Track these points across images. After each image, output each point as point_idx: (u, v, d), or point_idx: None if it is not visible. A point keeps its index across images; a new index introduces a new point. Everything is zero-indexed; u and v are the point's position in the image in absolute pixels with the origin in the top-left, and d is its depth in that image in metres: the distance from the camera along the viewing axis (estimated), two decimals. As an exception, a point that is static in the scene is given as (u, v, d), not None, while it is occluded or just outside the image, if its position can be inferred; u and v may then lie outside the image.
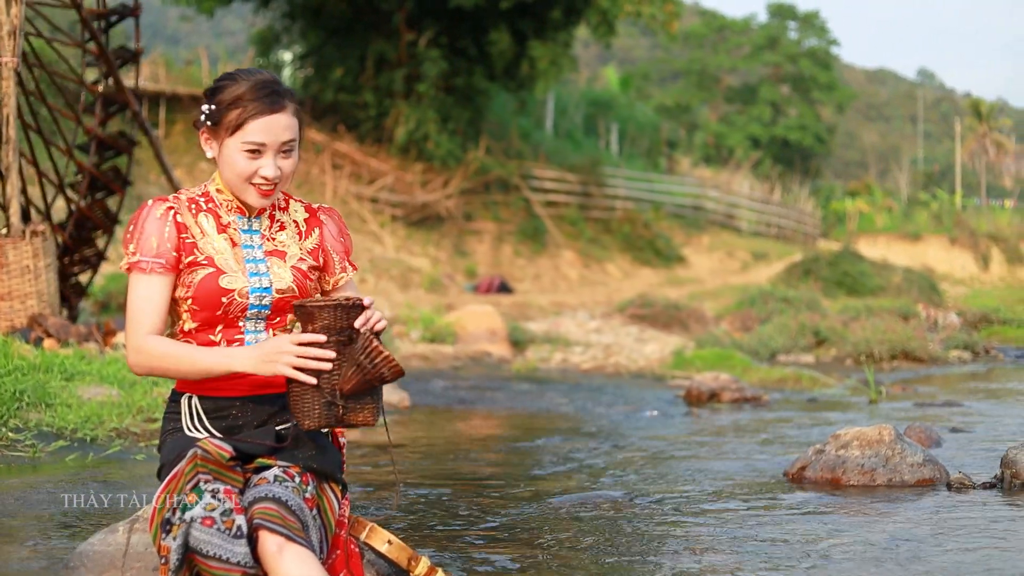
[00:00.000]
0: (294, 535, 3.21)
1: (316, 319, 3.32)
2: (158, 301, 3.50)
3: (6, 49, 10.35)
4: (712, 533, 4.67)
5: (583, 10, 33.16)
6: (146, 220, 3.54)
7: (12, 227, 10.47)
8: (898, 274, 30.21)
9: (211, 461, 3.34)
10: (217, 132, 3.51)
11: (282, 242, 3.67)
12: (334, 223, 3.80)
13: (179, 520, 3.20)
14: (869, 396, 10.40)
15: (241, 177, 3.49)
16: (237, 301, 3.54)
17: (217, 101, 3.51)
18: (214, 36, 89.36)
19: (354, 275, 3.85)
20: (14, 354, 8.29)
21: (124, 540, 3.67)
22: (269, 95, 3.49)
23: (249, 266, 3.59)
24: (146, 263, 3.50)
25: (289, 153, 3.54)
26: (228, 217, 3.62)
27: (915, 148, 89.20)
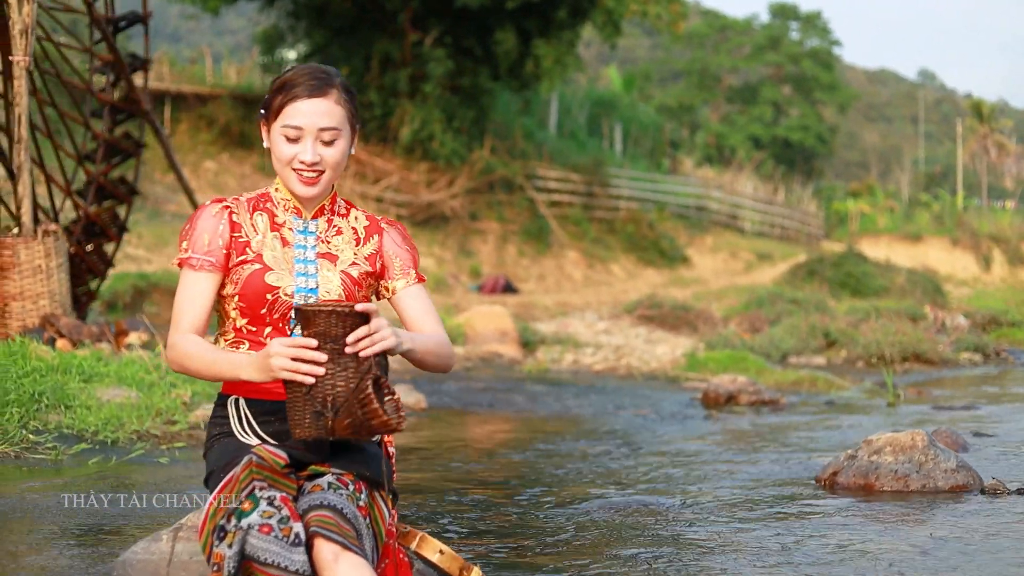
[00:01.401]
0: (350, 543, 3.18)
1: (311, 323, 3.23)
2: (203, 298, 3.51)
3: (18, 48, 10.31)
4: (752, 540, 4.63)
5: (588, 10, 33.12)
6: (200, 218, 3.54)
7: (24, 227, 10.43)
8: (902, 275, 30.19)
9: (266, 468, 3.29)
10: (268, 121, 3.55)
11: (336, 246, 3.64)
12: (397, 232, 3.75)
13: (235, 527, 3.15)
14: (887, 399, 10.36)
15: (282, 162, 3.51)
16: (282, 299, 3.53)
17: (270, 90, 3.55)
18: (215, 34, 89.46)
19: (420, 288, 3.74)
20: (31, 355, 8.25)
21: (168, 548, 3.62)
22: (313, 80, 3.49)
23: (298, 267, 3.58)
24: (196, 260, 3.50)
25: (332, 142, 3.52)
26: (283, 216, 3.62)
27: (916, 149, 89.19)
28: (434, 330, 3.66)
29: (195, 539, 3.64)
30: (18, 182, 10.48)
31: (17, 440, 6.67)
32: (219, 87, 36.39)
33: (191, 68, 39.96)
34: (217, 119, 33.19)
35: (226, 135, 33.18)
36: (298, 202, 3.61)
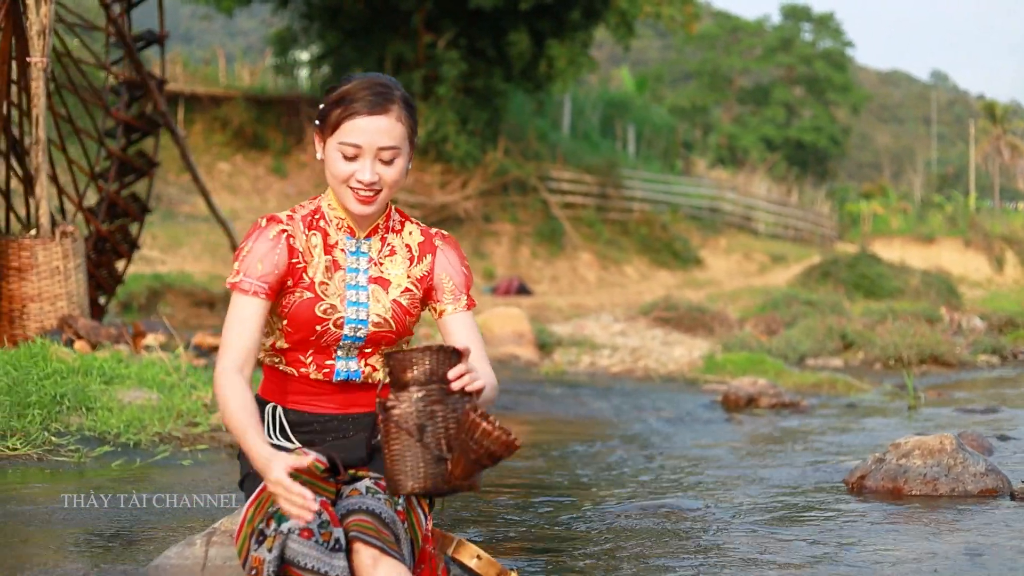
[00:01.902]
0: (388, 548, 3.16)
1: (413, 366, 3.13)
2: (253, 325, 3.39)
3: (36, 49, 10.31)
4: (784, 545, 4.60)
5: (602, 11, 33.09)
6: (257, 240, 3.42)
7: (42, 228, 10.43)
8: (916, 277, 30.14)
9: (305, 472, 3.27)
10: (323, 133, 3.42)
11: (388, 269, 3.54)
12: (451, 251, 3.63)
13: (274, 532, 3.14)
14: (907, 402, 10.32)
15: (338, 179, 3.39)
16: (332, 331, 3.46)
17: (326, 100, 3.42)
18: (227, 35, 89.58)
19: (469, 315, 3.62)
20: (52, 357, 8.24)
21: (202, 553, 3.60)
22: (374, 95, 3.36)
23: (350, 293, 3.49)
24: (248, 284, 3.39)
25: (392, 160, 3.40)
26: (336, 236, 3.51)
27: (929, 150, 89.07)
28: (480, 363, 3.51)
29: (229, 543, 3.63)
30: (36, 183, 10.47)
31: (40, 442, 6.67)
32: (233, 88, 36.41)
33: (204, 69, 39.99)
34: (231, 120, 33.21)
35: (240, 136, 33.21)
36: (352, 220, 3.51)
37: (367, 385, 3.56)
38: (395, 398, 3.18)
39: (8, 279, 10.19)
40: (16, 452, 6.47)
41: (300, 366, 3.52)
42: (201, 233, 26.41)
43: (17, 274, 10.19)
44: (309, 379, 3.54)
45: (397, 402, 3.17)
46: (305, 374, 3.53)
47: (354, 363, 3.53)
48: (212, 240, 25.90)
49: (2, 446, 6.48)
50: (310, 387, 3.54)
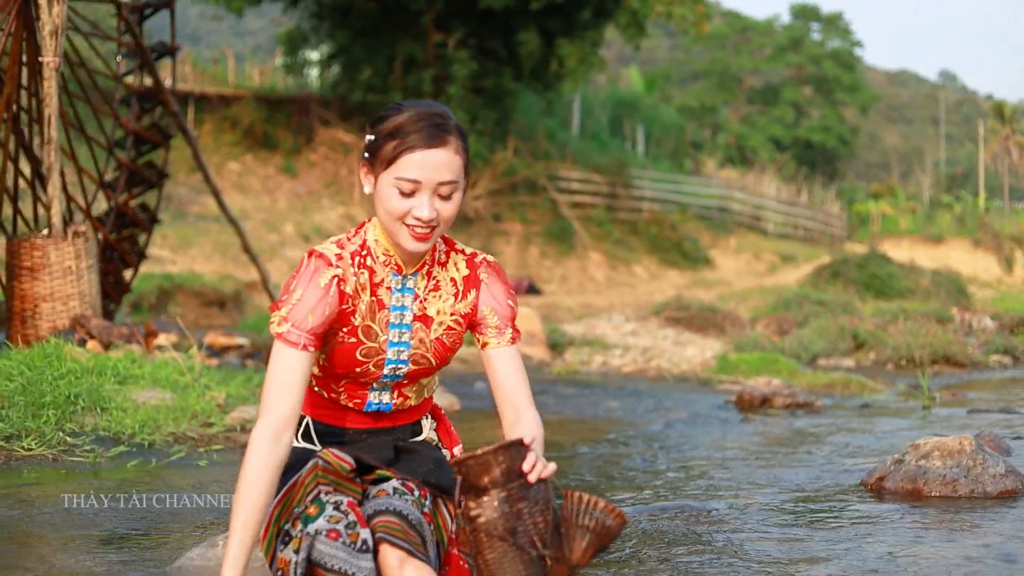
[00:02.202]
0: (415, 550, 3.14)
1: (489, 470, 3.01)
2: (299, 381, 3.24)
3: (48, 49, 10.32)
4: (804, 546, 4.58)
5: (613, 11, 33.07)
6: (308, 287, 3.27)
7: (54, 228, 10.43)
8: (926, 277, 30.08)
9: (332, 472, 3.26)
10: (374, 165, 3.24)
11: (432, 305, 3.44)
12: (497, 283, 3.51)
13: (301, 533, 3.12)
14: (922, 402, 10.29)
15: (393, 216, 3.23)
16: (371, 371, 3.40)
17: (376, 131, 3.25)
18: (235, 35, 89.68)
19: (514, 349, 3.50)
20: (66, 356, 8.24)
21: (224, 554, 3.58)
22: (431, 128, 3.19)
23: (392, 333, 3.39)
24: (296, 336, 3.24)
25: (450, 195, 3.25)
26: (382, 273, 3.38)
27: (937, 150, 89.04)
28: (523, 401, 3.45)
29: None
30: (47, 183, 10.47)
31: (55, 442, 6.66)
32: (242, 88, 36.44)
33: (213, 69, 40.03)
34: (241, 120, 33.24)
35: (250, 136, 33.23)
36: (399, 257, 3.38)
37: (398, 411, 3.54)
38: (476, 505, 3.05)
39: (20, 279, 10.20)
40: (31, 452, 6.47)
41: (331, 392, 3.47)
42: (211, 233, 26.42)
43: (29, 274, 10.20)
44: (339, 403, 3.51)
45: (480, 509, 3.05)
46: (335, 399, 3.48)
47: (387, 395, 3.49)
48: (222, 240, 25.90)
49: (17, 446, 6.48)
50: (339, 409, 3.50)
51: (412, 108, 3.23)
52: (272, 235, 27.86)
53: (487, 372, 3.51)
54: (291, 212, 30.27)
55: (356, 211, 31.39)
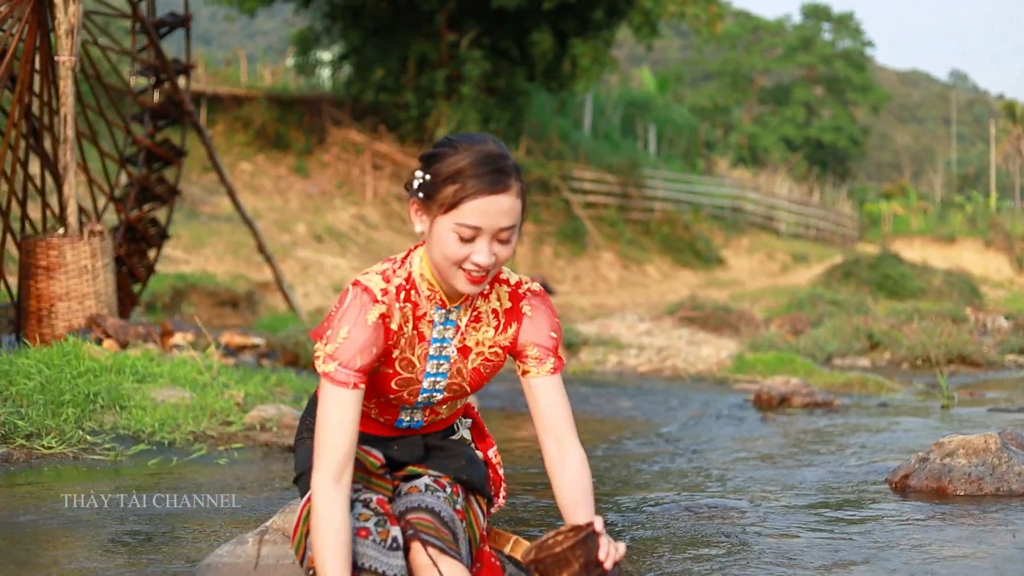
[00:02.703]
0: (447, 547, 3.12)
1: (569, 564, 2.94)
2: (351, 421, 3.17)
3: (64, 48, 10.32)
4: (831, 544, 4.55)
5: (625, 10, 33.06)
6: (355, 325, 3.19)
7: (69, 227, 10.44)
8: (938, 277, 30.06)
9: (361, 469, 3.24)
10: (429, 207, 3.16)
11: (472, 337, 3.39)
12: (540, 316, 3.44)
13: (330, 531, 3.10)
14: (940, 401, 10.25)
15: (450, 260, 3.14)
16: (405, 398, 3.37)
17: (433, 171, 3.15)
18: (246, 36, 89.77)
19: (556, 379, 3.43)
20: (85, 355, 8.23)
21: (254, 552, 3.57)
22: (493, 172, 3.10)
23: (431, 364, 3.34)
24: (345, 376, 3.17)
25: (508, 239, 3.18)
26: (425, 307, 3.32)
27: (948, 150, 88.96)
28: (566, 434, 3.37)
29: (281, 542, 3.60)
30: (63, 182, 10.48)
31: (75, 441, 6.65)
32: (254, 89, 36.47)
33: (225, 70, 40.07)
34: (253, 120, 33.27)
35: (262, 136, 33.26)
36: (444, 293, 3.32)
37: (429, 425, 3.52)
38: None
39: (36, 278, 10.20)
40: (51, 451, 6.45)
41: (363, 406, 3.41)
42: (224, 233, 26.43)
43: (45, 273, 10.20)
44: (369, 416, 3.47)
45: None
46: (366, 413, 3.44)
47: (419, 415, 3.47)
48: (234, 240, 25.92)
49: (38, 444, 6.47)
50: (369, 421, 3.48)
51: (470, 148, 3.14)
52: (284, 235, 27.86)
53: (527, 400, 3.45)
54: (303, 212, 30.28)
55: (368, 211, 31.40)
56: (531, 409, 3.44)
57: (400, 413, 3.45)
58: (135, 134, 12.57)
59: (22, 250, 10.44)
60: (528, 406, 3.46)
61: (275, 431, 7.64)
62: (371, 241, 29.74)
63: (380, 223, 31.13)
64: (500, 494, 3.67)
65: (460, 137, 3.21)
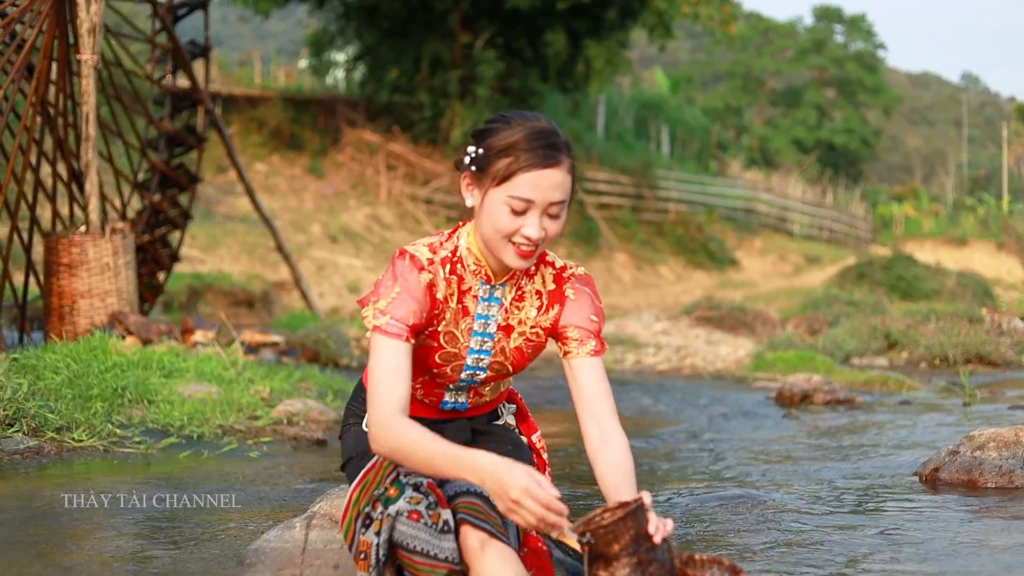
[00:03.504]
0: (496, 531, 3.12)
1: (620, 537, 2.95)
2: (405, 371, 3.20)
3: (86, 47, 10.36)
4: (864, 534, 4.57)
5: (639, 11, 33.08)
6: (406, 284, 3.25)
7: (91, 224, 10.48)
8: (952, 279, 30.05)
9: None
10: (481, 180, 3.21)
11: (515, 316, 3.42)
12: (584, 299, 3.46)
13: (382, 514, 3.11)
14: (962, 399, 10.25)
15: (501, 233, 3.19)
16: (448, 374, 3.39)
17: (486, 145, 3.19)
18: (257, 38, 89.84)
19: (594, 360, 3.43)
20: (112, 350, 8.28)
21: (302, 537, 3.59)
22: (546, 147, 3.14)
23: (474, 341, 3.38)
24: (395, 327, 3.21)
25: (558, 214, 3.22)
26: (471, 282, 3.36)
27: (960, 152, 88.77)
28: (607, 417, 3.39)
29: (329, 527, 3.62)
30: (85, 180, 10.52)
31: (104, 434, 6.68)
32: (269, 89, 36.54)
33: (240, 71, 40.15)
34: (268, 121, 33.33)
35: (276, 137, 33.32)
36: (491, 268, 3.35)
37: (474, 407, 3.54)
38: (608, 574, 3.00)
39: (59, 275, 10.23)
40: (82, 444, 6.49)
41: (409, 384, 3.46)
42: (239, 233, 26.49)
43: (68, 270, 10.23)
44: (415, 398, 3.50)
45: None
46: (412, 394, 3.46)
47: (463, 396, 3.49)
48: (249, 240, 25.98)
49: (68, 438, 6.50)
50: (415, 403, 3.50)
51: (523, 123, 3.18)
52: (299, 235, 27.91)
53: (568, 382, 3.46)
54: (318, 213, 30.32)
55: (382, 211, 31.43)
56: (572, 391, 3.45)
57: (445, 394, 3.47)
58: (155, 118, 12.62)
59: (44, 247, 10.48)
60: (569, 388, 3.47)
61: (302, 425, 7.69)
62: (385, 241, 29.78)
63: (394, 223, 31.16)
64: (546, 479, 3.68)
65: (513, 113, 3.25)
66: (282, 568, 3.56)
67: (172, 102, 12.86)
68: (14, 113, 10.75)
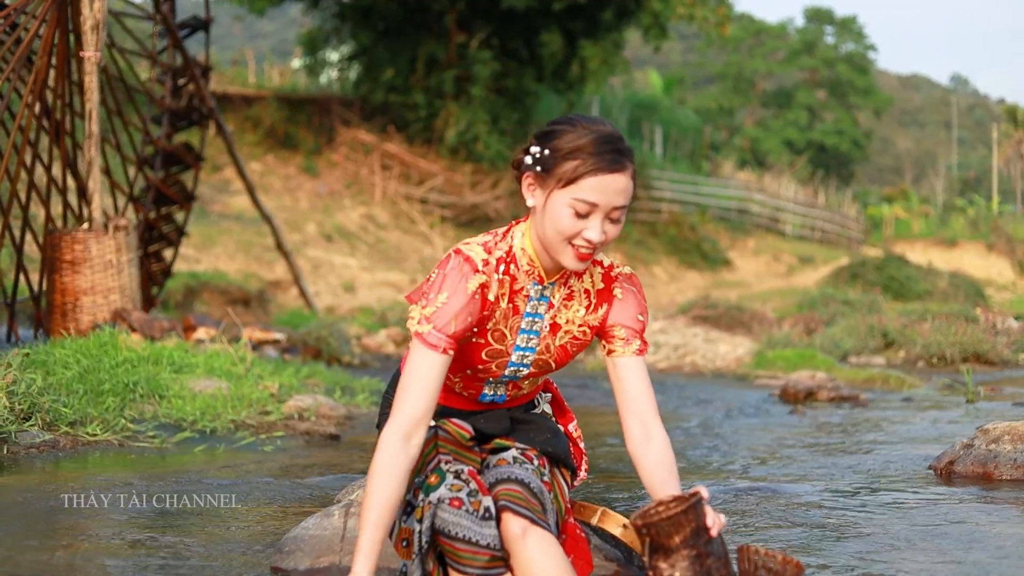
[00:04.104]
0: (537, 518, 3.15)
1: (681, 529, 2.99)
2: (434, 384, 3.19)
3: (89, 44, 10.37)
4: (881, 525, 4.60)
5: (635, 12, 33.10)
6: (455, 292, 3.24)
7: (95, 221, 10.48)
8: (944, 279, 30.13)
9: (451, 441, 3.28)
10: (545, 181, 3.22)
11: (563, 315, 3.43)
12: (631, 299, 3.48)
13: (423, 502, 3.14)
14: (964, 396, 10.30)
15: (562, 235, 3.20)
16: (492, 370, 3.41)
17: (552, 147, 3.20)
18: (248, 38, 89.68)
19: (638, 360, 3.46)
20: (122, 346, 8.30)
21: (340, 524, 3.62)
22: (612, 152, 3.16)
23: (520, 338, 3.39)
24: (436, 339, 3.20)
25: (618, 219, 3.23)
26: (523, 282, 3.37)
27: (950, 154, 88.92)
28: (649, 415, 3.41)
29: (366, 515, 3.63)
30: (88, 177, 10.52)
31: (118, 428, 6.70)
32: (263, 89, 36.52)
33: (233, 70, 40.11)
34: (262, 120, 33.30)
35: (271, 136, 33.29)
36: (544, 268, 3.37)
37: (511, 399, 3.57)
38: (669, 565, 3.03)
39: (62, 272, 10.24)
40: (96, 438, 6.51)
41: (447, 380, 3.47)
42: (234, 232, 26.49)
43: (71, 267, 10.25)
44: (454, 391, 3.52)
45: (672, 569, 3.03)
46: (450, 387, 3.50)
47: (502, 389, 3.51)
48: (244, 239, 25.98)
49: (82, 432, 6.52)
50: (453, 395, 3.52)
51: (589, 127, 3.21)
52: (294, 235, 27.90)
53: (611, 380, 3.49)
54: (312, 212, 30.31)
55: (376, 211, 31.44)
56: (615, 389, 3.47)
57: (484, 387, 3.48)
58: (153, 135, 12.63)
59: (47, 244, 10.49)
60: (612, 386, 3.49)
61: (313, 420, 7.72)
62: (380, 241, 29.78)
63: (389, 223, 31.15)
64: (582, 467, 3.71)
65: (577, 117, 3.28)
66: (320, 555, 3.59)
67: (170, 119, 12.87)
68: (9, 112, 10.75)
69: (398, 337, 15.13)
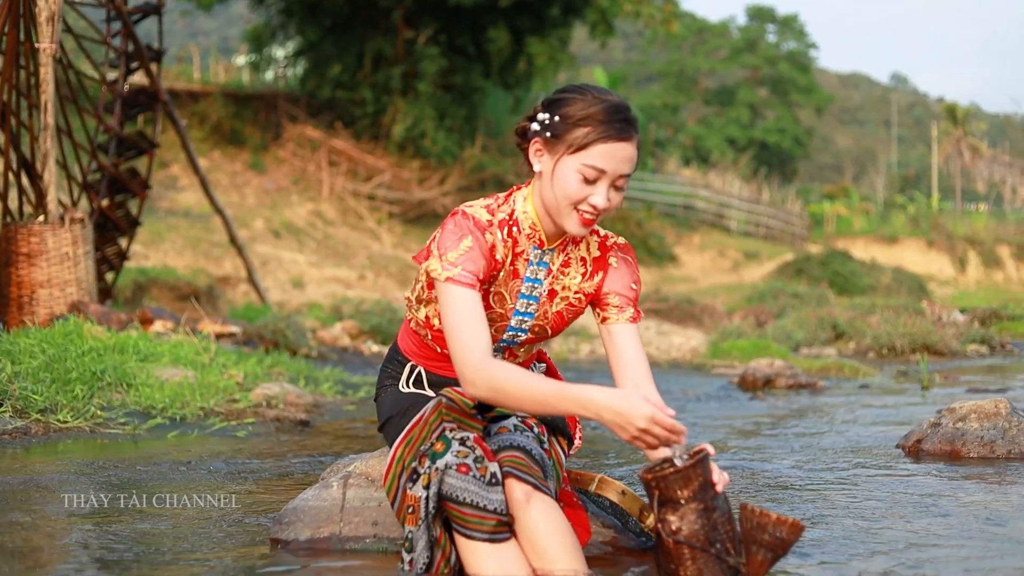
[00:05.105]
0: (539, 484, 3.21)
1: (688, 483, 3.03)
2: (483, 317, 3.27)
3: (44, 35, 10.33)
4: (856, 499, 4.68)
5: (582, 8, 33.19)
6: (475, 240, 3.33)
7: (50, 214, 10.43)
8: (887, 274, 30.50)
9: (455, 410, 3.32)
10: (555, 147, 3.30)
11: (561, 281, 3.52)
12: (625, 268, 3.58)
13: (430, 469, 3.18)
14: (918, 383, 10.44)
15: (569, 200, 3.29)
16: (492, 335, 3.45)
17: (563, 114, 3.29)
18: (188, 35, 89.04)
19: (632, 327, 3.54)
20: (87, 335, 8.28)
21: (340, 495, 3.65)
22: (622, 121, 3.27)
23: (520, 303, 3.47)
24: (466, 277, 3.27)
25: (622, 187, 3.33)
26: (524, 245, 3.45)
27: (889, 152, 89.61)
28: (644, 379, 3.48)
29: (365, 486, 3.67)
30: (44, 170, 10.47)
31: (89, 415, 6.70)
32: (209, 85, 36.33)
33: (177, 67, 39.88)
34: (208, 116, 33.10)
35: (218, 132, 33.10)
36: (545, 232, 3.45)
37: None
38: (678, 518, 3.08)
39: (17, 265, 10.20)
40: (67, 425, 6.49)
41: (445, 347, 3.53)
42: (181, 228, 26.35)
43: (27, 260, 10.20)
44: (446, 356, 3.56)
45: (681, 522, 3.07)
46: (447, 354, 3.54)
47: (498, 356, 3.57)
48: (192, 235, 25.85)
49: (53, 419, 6.51)
50: (450, 362, 3.56)
51: (599, 96, 3.30)
52: (242, 231, 27.77)
53: (605, 347, 3.56)
54: (260, 208, 30.19)
55: (324, 207, 31.35)
56: (609, 357, 3.54)
57: None
58: (107, 122, 12.56)
59: (2, 237, 10.42)
60: (607, 354, 3.56)
61: (282, 407, 7.74)
62: (328, 237, 29.71)
63: (336, 219, 31.07)
64: (576, 435, 3.77)
65: (585, 86, 3.37)
66: (321, 526, 3.62)
67: (123, 105, 12.80)
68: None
69: (353, 330, 15.12)
